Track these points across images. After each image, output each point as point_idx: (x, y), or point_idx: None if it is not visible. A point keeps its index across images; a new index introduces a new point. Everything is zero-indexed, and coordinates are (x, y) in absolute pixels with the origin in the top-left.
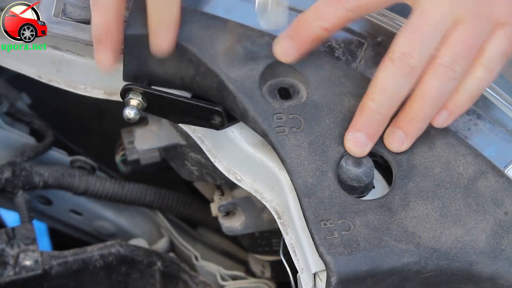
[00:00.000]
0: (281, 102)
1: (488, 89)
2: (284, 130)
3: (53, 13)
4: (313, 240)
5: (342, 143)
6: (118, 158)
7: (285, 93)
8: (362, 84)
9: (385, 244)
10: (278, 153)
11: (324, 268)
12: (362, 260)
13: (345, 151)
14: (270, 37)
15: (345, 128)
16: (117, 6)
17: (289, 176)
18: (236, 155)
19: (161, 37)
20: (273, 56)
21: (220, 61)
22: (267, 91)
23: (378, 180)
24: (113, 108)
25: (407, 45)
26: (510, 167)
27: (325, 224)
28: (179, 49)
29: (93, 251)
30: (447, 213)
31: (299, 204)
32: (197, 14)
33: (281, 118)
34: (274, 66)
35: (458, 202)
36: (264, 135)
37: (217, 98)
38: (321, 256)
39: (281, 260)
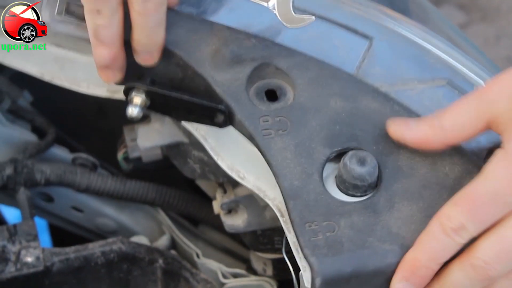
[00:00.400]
0: (268, 105)
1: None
2: (271, 133)
3: (56, 12)
4: (298, 241)
5: (328, 145)
6: (120, 155)
7: (272, 95)
8: (348, 85)
9: (369, 245)
10: (264, 156)
11: None
12: (346, 261)
13: (331, 152)
14: (256, 40)
15: (331, 130)
16: (120, 36)
17: (275, 178)
18: (239, 153)
19: (146, 58)
20: (259, 58)
21: (207, 64)
22: (254, 93)
23: None
24: (115, 106)
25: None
26: None
27: (310, 226)
28: (166, 53)
29: (95, 248)
30: (432, 213)
31: None
32: (184, 17)
33: (267, 121)
34: (261, 68)
35: (443, 203)
36: (250, 138)
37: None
38: (305, 257)
39: (283, 258)
